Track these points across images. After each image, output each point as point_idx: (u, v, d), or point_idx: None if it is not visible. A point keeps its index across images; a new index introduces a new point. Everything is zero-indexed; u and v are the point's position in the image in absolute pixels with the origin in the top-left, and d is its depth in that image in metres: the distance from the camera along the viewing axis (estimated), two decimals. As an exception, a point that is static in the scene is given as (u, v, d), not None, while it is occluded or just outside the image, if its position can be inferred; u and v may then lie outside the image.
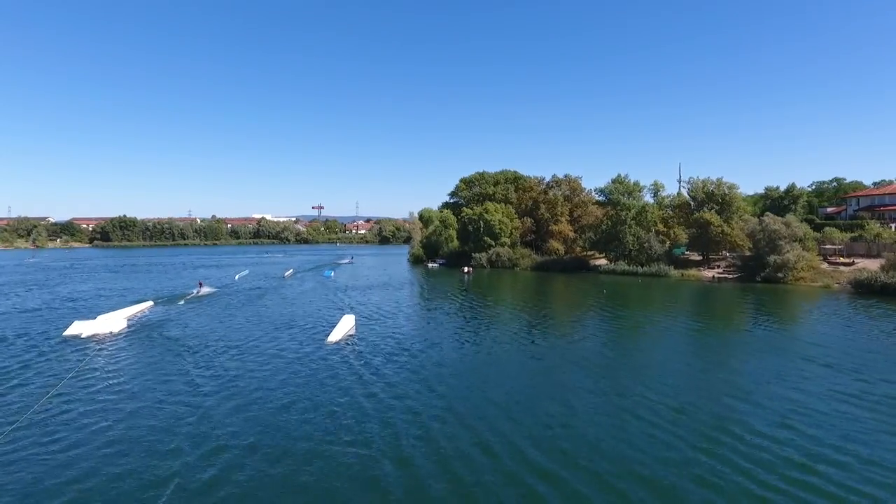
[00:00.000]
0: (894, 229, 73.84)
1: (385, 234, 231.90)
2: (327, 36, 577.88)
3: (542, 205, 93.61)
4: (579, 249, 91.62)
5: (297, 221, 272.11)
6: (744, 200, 74.36)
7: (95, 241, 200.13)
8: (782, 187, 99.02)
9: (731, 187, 72.49)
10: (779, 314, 44.34)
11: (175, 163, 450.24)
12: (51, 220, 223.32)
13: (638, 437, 17.48)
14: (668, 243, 77.68)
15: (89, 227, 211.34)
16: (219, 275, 77.52)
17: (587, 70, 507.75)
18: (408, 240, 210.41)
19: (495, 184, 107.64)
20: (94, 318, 35.92)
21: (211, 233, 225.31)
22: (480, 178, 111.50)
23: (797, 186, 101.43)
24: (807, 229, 67.26)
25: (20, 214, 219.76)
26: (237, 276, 72.85)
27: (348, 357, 27.63)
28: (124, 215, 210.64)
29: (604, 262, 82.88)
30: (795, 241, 61.92)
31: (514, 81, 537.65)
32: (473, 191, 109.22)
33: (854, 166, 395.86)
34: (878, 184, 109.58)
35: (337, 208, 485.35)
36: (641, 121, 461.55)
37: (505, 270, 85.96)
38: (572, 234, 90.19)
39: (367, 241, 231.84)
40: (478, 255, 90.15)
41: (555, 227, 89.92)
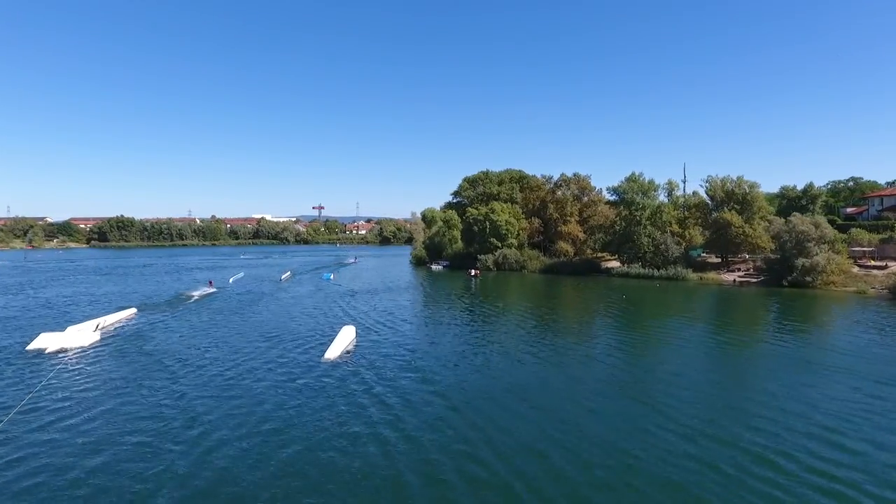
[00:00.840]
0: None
1: (386, 235, 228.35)
2: (327, 36, 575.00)
3: (550, 205, 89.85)
4: (589, 251, 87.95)
5: (297, 222, 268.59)
6: (766, 200, 70.31)
7: (93, 242, 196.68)
8: (799, 186, 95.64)
9: (753, 186, 68.68)
10: (810, 322, 40.87)
11: (175, 163, 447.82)
12: (49, 220, 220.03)
13: (667, 459, 15.96)
14: (683, 245, 73.94)
15: (87, 227, 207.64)
16: (212, 277, 73.80)
17: (586, 70, 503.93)
18: (409, 240, 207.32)
19: (500, 183, 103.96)
20: (63, 330, 32.22)
21: (210, 233, 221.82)
22: (484, 177, 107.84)
23: (815, 185, 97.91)
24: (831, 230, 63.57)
25: (18, 214, 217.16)
26: (231, 280, 69.18)
27: (348, 379, 23.86)
28: (122, 215, 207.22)
29: (616, 264, 79.19)
30: (824, 242, 58.10)
31: (514, 81, 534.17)
32: (477, 190, 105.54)
33: (854, 166, 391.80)
34: (892, 183, 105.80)
35: (337, 209, 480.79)
36: (643, 121, 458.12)
37: (512, 273, 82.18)
38: (582, 236, 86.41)
39: (367, 242, 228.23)
40: (483, 256, 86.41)
41: (564, 227, 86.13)
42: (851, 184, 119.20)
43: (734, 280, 65.36)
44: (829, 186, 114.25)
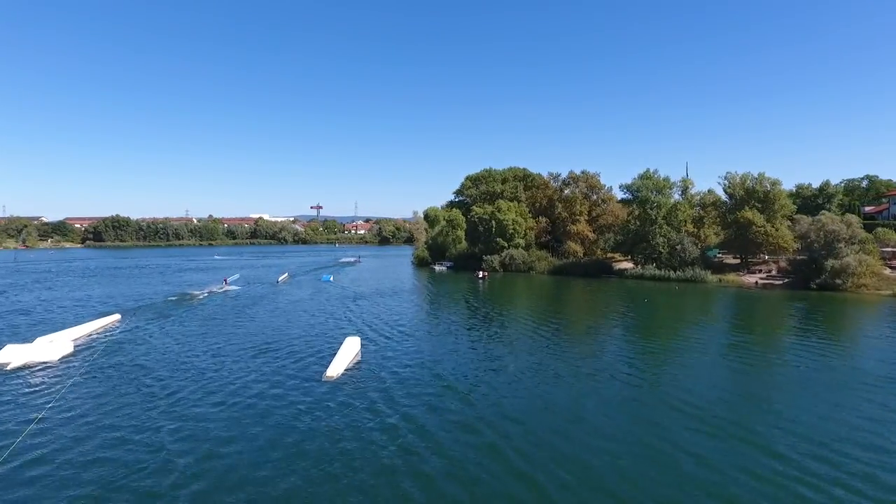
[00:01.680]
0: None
1: (385, 235, 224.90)
2: (326, 35, 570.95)
3: (558, 203, 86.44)
4: (599, 252, 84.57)
5: (295, 222, 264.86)
6: (789, 197, 66.94)
7: (88, 242, 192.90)
8: (814, 185, 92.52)
9: (775, 183, 65.31)
10: (844, 329, 38.28)
11: (172, 163, 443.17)
12: (44, 219, 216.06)
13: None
14: (699, 245, 70.60)
15: (83, 227, 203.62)
16: (206, 279, 70.25)
17: (585, 71, 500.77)
18: (408, 240, 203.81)
19: (503, 181, 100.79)
20: (32, 342, 28.71)
21: (206, 233, 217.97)
22: (487, 175, 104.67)
23: (831, 183, 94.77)
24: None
25: (13, 214, 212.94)
26: (225, 282, 65.54)
27: (355, 405, 20.37)
28: (117, 215, 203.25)
29: (628, 265, 75.83)
30: (854, 243, 54.78)
31: (513, 82, 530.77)
32: (480, 189, 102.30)
33: (853, 166, 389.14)
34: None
35: (336, 208, 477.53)
36: (642, 121, 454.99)
37: (519, 274, 78.72)
38: (592, 236, 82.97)
39: (366, 242, 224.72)
40: (489, 257, 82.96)
41: (573, 227, 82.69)
42: (866, 182, 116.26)
43: (756, 282, 62.02)
44: (844, 185, 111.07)
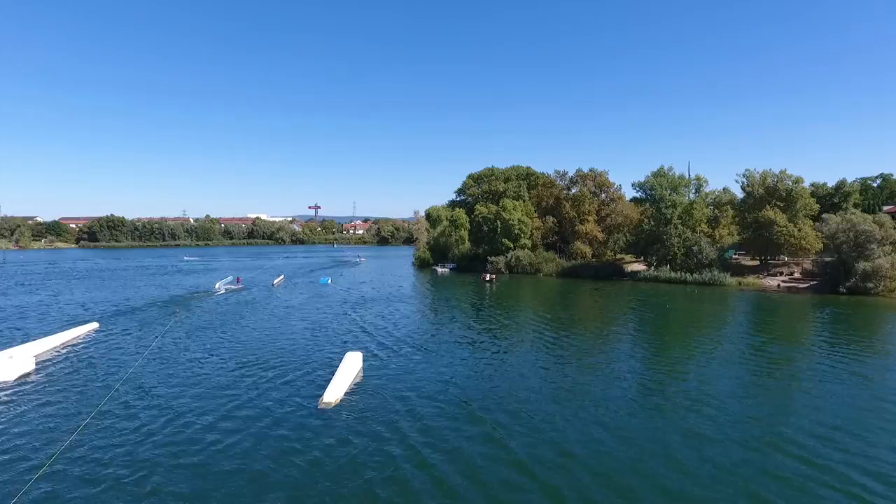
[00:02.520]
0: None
1: (384, 235, 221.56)
2: (325, 36, 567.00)
3: (565, 202, 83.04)
4: (609, 253, 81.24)
5: (293, 221, 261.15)
6: (820, 196, 63.55)
7: (82, 242, 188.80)
8: (830, 183, 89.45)
9: (797, 181, 62.00)
10: (879, 337, 34.88)
11: (170, 162, 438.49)
12: (38, 219, 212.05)
13: None
14: (716, 246, 67.29)
15: (78, 227, 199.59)
16: (197, 282, 66.75)
17: (584, 72, 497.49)
18: (407, 240, 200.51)
19: (506, 180, 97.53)
20: (-13, 359, 25.19)
21: (203, 233, 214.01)
22: (490, 174, 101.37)
23: (847, 182, 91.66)
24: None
25: (7, 214, 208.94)
26: (217, 285, 62.03)
27: (356, 442, 16.89)
28: (111, 215, 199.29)
29: (639, 267, 72.55)
30: (887, 244, 51.48)
31: (513, 82, 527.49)
32: (482, 188, 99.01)
33: (853, 165, 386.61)
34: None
35: (334, 208, 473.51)
36: (641, 122, 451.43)
37: (526, 277, 75.34)
38: (601, 236, 79.58)
39: (364, 242, 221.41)
40: (494, 258, 79.51)
41: (581, 227, 79.28)
42: (879, 181, 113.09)
43: (778, 285, 58.71)
44: (858, 183, 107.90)
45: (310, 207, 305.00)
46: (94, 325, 36.84)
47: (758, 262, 66.72)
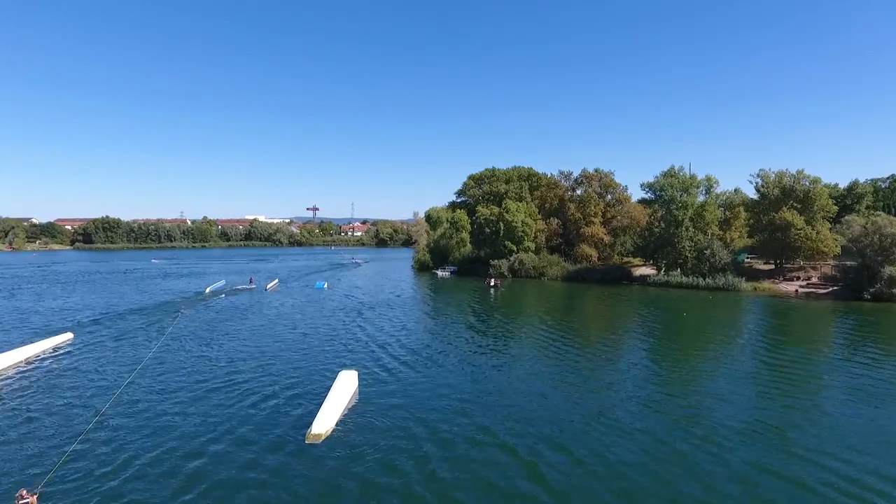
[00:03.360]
0: None
1: (382, 237, 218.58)
2: (323, 36, 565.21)
3: (570, 204, 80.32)
4: (616, 256, 78.49)
5: (291, 223, 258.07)
6: (832, 198, 60.90)
7: (77, 244, 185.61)
8: (842, 184, 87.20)
9: (814, 181, 59.34)
10: None
11: (168, 164, 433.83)
12: (34, 220, 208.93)
13: None
14: (729, 249, 64.67)
15: (73, 228, 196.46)
16: (187, 286, 63.86)
17: (582, 73, 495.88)
18: (406, 242, 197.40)
19: (507, 181, 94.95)
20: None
21: (199, 234, 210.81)
22: (491, 174, 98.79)
23: (860, 183, 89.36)
24: None
25: (2, 215, 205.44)
26: (208, 290, 59.25)
27: (348, 486, 14.13)
28: (107, 216, 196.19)
29: (648, 271, 69.80)
30: (913, 248, 48.87)
31: (513, 82, 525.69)
32: (483, 189, 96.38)
33: (857, 166, 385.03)
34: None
35: (332, 210, 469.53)
36: (639, 123, 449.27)
37: (530, 281, 72.57)
38: (607, 238, 76.83)
39: (363, 244, 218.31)
40: (497, 262, 76.67)
41: (587, 229, 76.54)
42: (888, 182, 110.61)
43: (796, 291, 56.02)
44: (870, 184, 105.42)
45: (308, 209, 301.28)
46: (69, 335, 34.07)
47: (772, 267, 64.03)
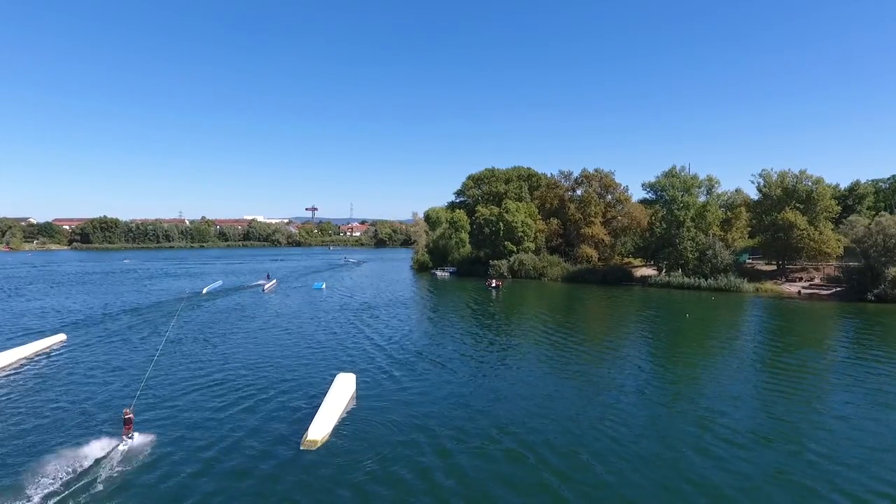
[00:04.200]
0: None
1: (381, 237, 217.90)
2: (323, 37, 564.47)
3: (570, 204, 79.79)
4: (617, 257, 77.96)
5: (289, 223, 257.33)
6: (833, 199, 60.37)
7: (75, 244, 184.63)
8: (843, 185, 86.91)
9: (817, 181, 58.86)
10: None
11: (166, 164, 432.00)
12: (31, 220, 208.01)
13: None
14: (731, 250, 64.14)
15: (70, 228, 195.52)
16: (184, 286, 63.16)
17: (583, 72, 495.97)
18: (405, 242, 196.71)
19: (507, 181, 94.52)
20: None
21: (198, 235, 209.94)
22: (490, 174, 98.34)
23: (861, 183, 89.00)
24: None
25: (0, 215, 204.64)
26: (205, 290, 58.59)
27: (346, 496, 13.53)
28: (104, 216, 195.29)
29: (649, 271, 69.30)
30: (917, 248, 48.38)
31: (513, 83, 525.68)
32: (483, 189, 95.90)
33: (856, 167, 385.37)
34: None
35: (331, 210, 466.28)
36: (637, 123, 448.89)
37: (530, 281, 71.99)
38: (608, 239, 76.30)
39: (362, 244, 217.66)
40: (496, 262, 76.05)
41: (587, 229, 75.97)
42: (889, 182, 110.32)
43: (798, 291, 55.52)
44: (871, 185, 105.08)
45: (307, 209, 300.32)
46: (62, 336, 33.46)
47: (774, 267, 63.55)
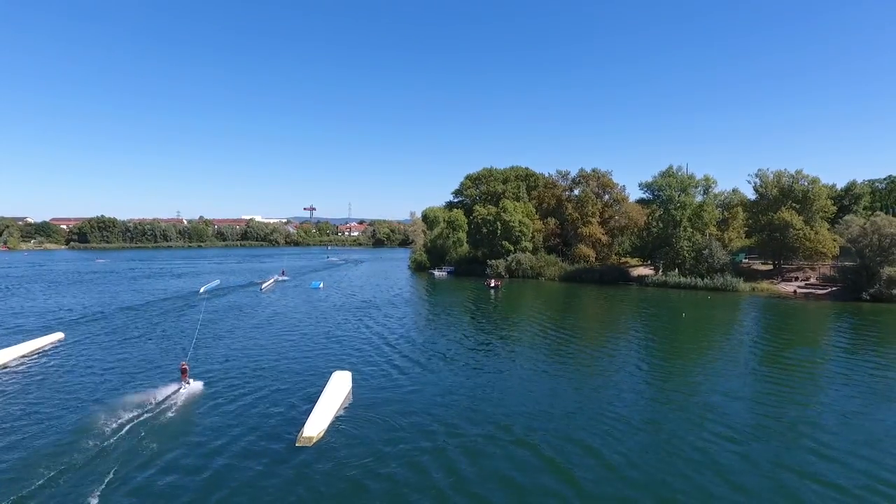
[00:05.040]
0: None
1: (379, 237, 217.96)
2: (322, 38, 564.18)
3: (567, 204, 79.97)
4: (614, 257, 78.17)
5: (288, 223, 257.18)
6: (829, 199, 60.64)
7: (72, 243, 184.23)
8: (839, 185, 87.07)
9: (814, 181, 59.10)
10: None
11: (165, 164, 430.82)
12: (29, 220, 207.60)
13: None
14: (728, 250, 64.34)
15: (68, 227, 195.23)
16: (182, 286, 63.19)
17: (582, 73, 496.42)
18: (403, 242, 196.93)
19: (505, 181, 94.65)
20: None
21: (195, 234, 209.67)
22: (488, 174, 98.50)
23: (857, 183, 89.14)
24: None
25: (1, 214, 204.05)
26: (202, 290, 58.59)
27: (343, 488, 13.64)
28: (102, 215, 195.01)
29: (646, 271, 69.50)
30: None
31: (513, 83, 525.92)
32: (480, 189, 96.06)
33: (856, 167, 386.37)
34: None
35: (329, 210, 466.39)
36: (635, 124, 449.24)
37: (528, 281, 72.15)
38: (605, 239, 76.50)
39: (360, 244, 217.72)
40: (494, 262, 76.21)
41: (584, 229, 76.15)
42: (885, 183, 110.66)
43: (794, 291, 55.75)
44: (867, 185, 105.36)
45: (305, 209, 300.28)
46: (60, 334, 33.50)
47: (770, 267, 63.79)
